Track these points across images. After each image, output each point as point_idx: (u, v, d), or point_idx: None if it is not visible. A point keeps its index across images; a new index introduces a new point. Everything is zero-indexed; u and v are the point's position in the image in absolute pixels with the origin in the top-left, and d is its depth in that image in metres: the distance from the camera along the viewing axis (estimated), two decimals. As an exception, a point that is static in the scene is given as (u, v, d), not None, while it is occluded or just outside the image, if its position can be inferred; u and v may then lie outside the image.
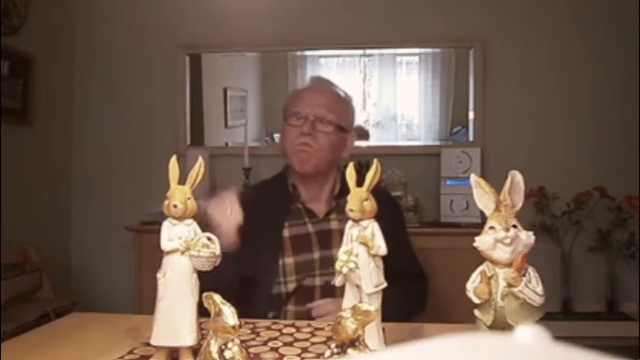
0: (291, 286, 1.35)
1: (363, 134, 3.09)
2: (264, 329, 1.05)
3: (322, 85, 1.54)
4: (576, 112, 2.92)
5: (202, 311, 0.79)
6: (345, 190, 1.38)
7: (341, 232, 1.35)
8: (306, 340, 0.99)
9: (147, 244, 2.55)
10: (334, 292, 1.32)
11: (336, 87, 1.52)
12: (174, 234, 0.83)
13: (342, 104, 1.47)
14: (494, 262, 0.76)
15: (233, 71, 3.34)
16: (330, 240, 1.39)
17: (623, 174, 2.81)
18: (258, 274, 1.35)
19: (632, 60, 2.84)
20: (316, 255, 1.38)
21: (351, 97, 1.53)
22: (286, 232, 1.39)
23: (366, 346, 0.77)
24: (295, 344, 0.97)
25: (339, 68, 3.28)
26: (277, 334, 1.03)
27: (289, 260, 1.37)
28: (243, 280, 1.28)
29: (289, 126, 1.42)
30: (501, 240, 0.74)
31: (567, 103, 2.93)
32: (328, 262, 1.36)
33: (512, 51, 2.95)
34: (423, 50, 3.19)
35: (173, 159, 0.86)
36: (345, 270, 0.82)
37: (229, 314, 0.73)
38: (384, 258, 0.85)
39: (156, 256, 0.88)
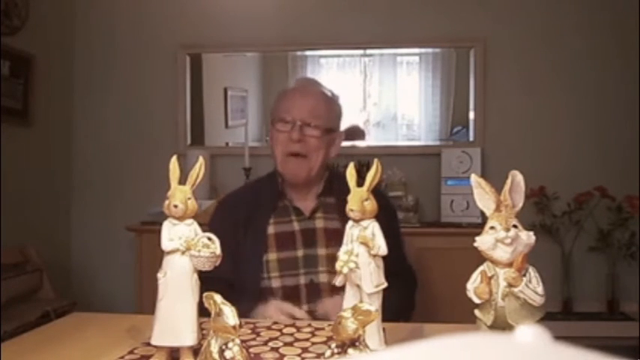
0: (276, 283, 1.35)
1: (359, 134, 3.09)
2: (264, 329, 1.05)
3: (308, 87, 1.53)
4: (577, 111, 2.92)
5: (203, 311, 0.79)
6: (330, 190, 1.42)
7: (325, 231, 1.38)
8: (307, 340, 0.99)
9: (147, 244, 2.55)
10: (319, 291, 1.33)
11: (322, 87, 1.51)
12: (174, 234, 0.84)
13: (329, 105, 1.46)
14: (494, 262, 0.76)
15: (233, 71, 3.34)
16: (314, 238, 1.39)
17: (623, 174, 2.81)
18: (243, 270, 1.35)
19: (632, 59, 2.85)
20: (300, 253, 1.37)
21: (337, 95, 1.52)
22: (271, 229, 1.39)
23: (367, 346, 0.77)
24: (296, 344, 0.97)
25: (339, 68, 3.28)
26: (278, 334, 1.03)
27: (273, 257, 1.37)
28: (229, 275, 1.29)
29: (277, 131, 1.41)
30: (502, 240, 0.74)
31: (567, 103, 2.93)
32: (312, 261, 1.37)
33: (513, 51, 2.95)
34: (423, 50, 3.19)
35: (173, 159, 0.86)
36: (345, 270, 0.82)
37: (230, 314, 0.73)
38: None
39: (156, 256, 0.88)
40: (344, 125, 1.56)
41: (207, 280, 0.85)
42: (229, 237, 1.34)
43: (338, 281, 0.85)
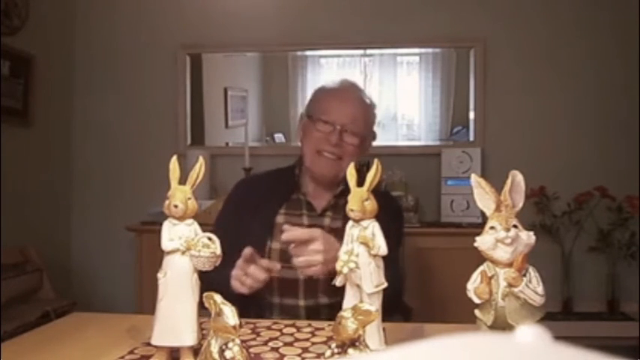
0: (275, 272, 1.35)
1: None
2: (264, 329, 1.05)
3: (351, 91, 1.52)
4: (577, 111, 2.92)
5: (203, 311, 0.79)
6: (347, 191, 1.41)
7: (331, 230, 1.35)
8: (307, 340, 0.99)
9: (147, 244, 2.55)
10: (317, 287, 1.33)
11: (363, 93, 1.52)
12: (174, 234, 0.84)
13: (369, 113, 1.48)
14: (494, 262, 0.76)
15: (234, 71, 3.34)
16: None
17: (623, 174, 2.81)
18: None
19: (632, 59, 2.85)
20: None
21: (375, 104, 1.53)
22: (280, 218, 1.41)
23: (367, 346, 0.77)
24: (296, 344, 0.97)
25: (339, 68, 3.28)
26: (278, 334, 1.03)
27: (276, 245, 1.38)
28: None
29: (315, 130, 1.41)
30: (502, 240, 0.74)
31: (568, 103, 2.93)
32: None
33: (513, 51, 2.95)
34: (423, 50, 3.19)
35: (173, 159, 0.86)
36: (345, 270, 0.82)
37: (230, 314, 0.73)
38: None
39: (156, 256, 0.88)
40: None
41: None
42: (236, 216, 1.40)
43: (338, 281, 0.85)
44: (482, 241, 0.76)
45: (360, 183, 0.85)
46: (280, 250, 1.37)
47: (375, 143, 1.59)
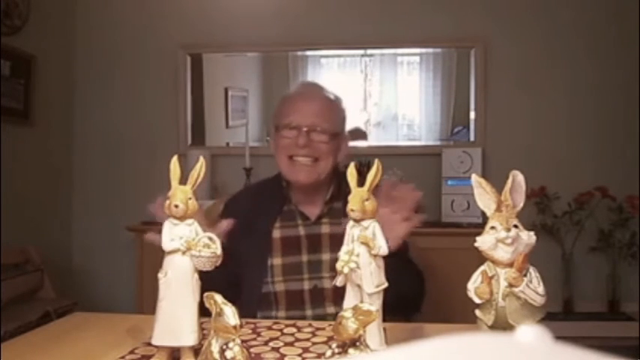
0: (279, 287, 1.34)
1: (361, 135, 3.09)
2: (265, 329, 1.05)
3: (311, 91, 1.48)
4: (577, 111, 2.92)
5: (203, 311, 0.79)
6: (339, 194, 1.39)
7: (331, 237, 1.36)
8: (307, 340, 0.99)
9: (148, 244, 2.55)
10: (323, 296, 1.32)
11: (325, 91, 1.48)
12: (175, 234, 0.84)
13: (334, 109, 1.43)
14: (495, 262, 0.76)
15: (234, 71, 3.34)
16: (319, 244, 1.38)
17: (623, 174, 2.81)
18: (247, 274, 1.34)
19: (632, 59, 2.85)
20: (304, 258, 1.36)
21: (340, 98, 1.48)
22: (277, 233, 1.38)
23: (367, 346, 0.77)
24: (296, 344, 0.97)
25: (340, 68, 3.28)
26: (278, 334, 1.03)
27: (277, 261, 1.35)
28: (231, 279, 1.28)
29: (282, 138, 1.38)
30: (502, 240, 0.74)
31: (568, 103, 2.93)
32: (316, 266, 1.35)
33: (513, 51, 2.95)
34: (424, 50, 3.19)
35: (174, 159, 0.86)
36: (346, 270, 0.82)
37: (230, 314, 0.73)
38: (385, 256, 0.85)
39: (157, 256, 0.88)
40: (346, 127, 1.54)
41: (209, 281, 0.85)
42: (233, 236, 1.34)
43: (339, 281, 0.85)
44: (483, 241, 0.76)
45: (361, 183, 0.85)
46: (282, 265, 1.35)
47: (375, 143, 1.58)
